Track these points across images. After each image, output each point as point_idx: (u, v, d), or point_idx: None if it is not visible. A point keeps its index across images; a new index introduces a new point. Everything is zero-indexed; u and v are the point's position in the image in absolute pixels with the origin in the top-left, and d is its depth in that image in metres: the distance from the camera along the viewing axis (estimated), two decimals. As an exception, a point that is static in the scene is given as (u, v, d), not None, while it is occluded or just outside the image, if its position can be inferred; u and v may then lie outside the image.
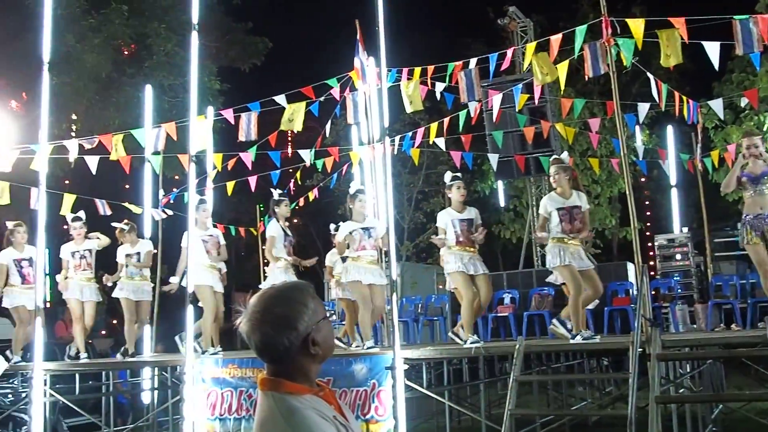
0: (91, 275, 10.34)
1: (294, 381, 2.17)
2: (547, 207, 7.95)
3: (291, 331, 2.14)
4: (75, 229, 10.33)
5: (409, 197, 22.65)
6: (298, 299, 2.20)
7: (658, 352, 6.51)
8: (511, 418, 6.77)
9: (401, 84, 9.65)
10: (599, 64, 7.92)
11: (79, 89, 16.15)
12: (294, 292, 2.23)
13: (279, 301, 2.19)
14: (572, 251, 7.77)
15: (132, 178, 14.28)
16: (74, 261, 10.28)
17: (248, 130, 9.81)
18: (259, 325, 2.15)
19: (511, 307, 12.48)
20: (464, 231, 8.39)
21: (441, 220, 8.57)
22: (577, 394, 12.90)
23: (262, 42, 20.86)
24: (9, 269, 10.03)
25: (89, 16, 16.77)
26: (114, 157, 10.55)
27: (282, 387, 2.16)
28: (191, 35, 8.98)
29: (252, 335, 2.17)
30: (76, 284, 10.25)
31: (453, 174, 8.76)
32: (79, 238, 10.34)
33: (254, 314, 2.17)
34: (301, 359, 2.18)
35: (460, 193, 8.58)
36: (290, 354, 2.16)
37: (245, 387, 8.26)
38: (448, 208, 8.66)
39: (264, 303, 2.19)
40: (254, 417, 6.72)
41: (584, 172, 19.84)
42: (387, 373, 7.44)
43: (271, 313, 2.16)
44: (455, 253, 8.38)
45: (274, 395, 2.16)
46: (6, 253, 10.11)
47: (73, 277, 10.26)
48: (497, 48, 10.77)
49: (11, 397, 11.24)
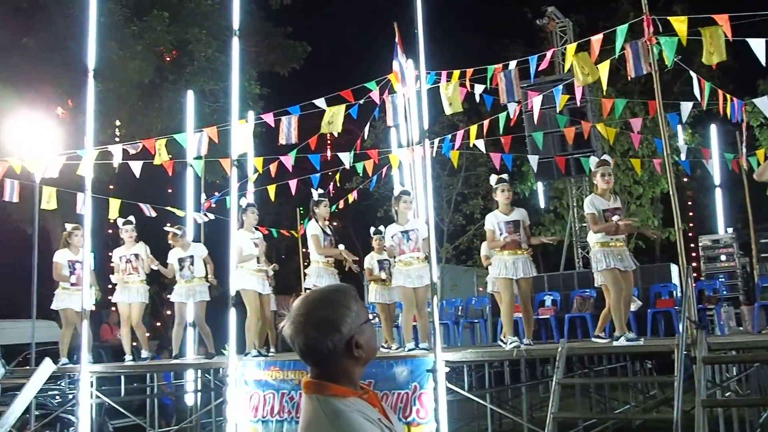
0: (138, 278, 10.47)
1: (338, 384, 2.18)
2: (596, 205, 7.91)
3: (334, 333, 2.15)
4: (126, 232, 10.49)
5: (448, 199, 22.62)
6: (341, 302, 2.21)
7: (704, 355, 6.42)
8: (554, 421, 6.73)
9: (440, 86, 9.65)
10: (641, 64, 7.83)
11: (122, 95, 16.40)
12: (337, 294, 2.24)
13: (323, 304, 2.20)
14: (617, 253, 7.74)
15: (175, 182, 14.48)
16: (122, 265, 10.47)
17: (288, 133, 9.88)
18: (303, 327, 2.16)
19: (552, 309, 12.39)
20: (511, 233, 8.40)
21: (489, 222, 8.61)
22: (620, 398, 12.76)
23: (301, 46, 20.97)
24: (62, 269, 10.23)
25: (131, 24, 17.02)
26: (158, 162, 10.70)
27: (326, 390, 2.17)
28: (232, 40, 9.09)
29: (296, 338, 2.18)
30: (122, 287, 10.42)
31: (498, 176, 8.77)
32: (129, 242, 10.49)
33: (298, 317, 2.18)
34: (345, 362, 2.19)
35: (505, 195, 8.58)
36: (334, 357, 2.17)
37: (287, 389, 8.31)
38: (495, 211, 8.68)
39: (308, 306, 2.20)
40: (296, 419, 6.75)
41: (625, 172, 19.64)
42: (428, 375, 7.44)
43: (314, 315, 2.17)
44: (500, 257, 8.43)
45: (318, 398, 2.17)
46: (62, 254, 10.32)
47: (121, 281, 10.43)
48: (536, 49, 10.74)
49: (59, 399, 11.43)
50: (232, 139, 9.09)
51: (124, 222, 10.59)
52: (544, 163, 14.50)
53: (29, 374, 9.11)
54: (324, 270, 9.14)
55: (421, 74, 8.18)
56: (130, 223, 10.56)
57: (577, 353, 8.88)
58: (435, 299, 7.71)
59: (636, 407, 12.15)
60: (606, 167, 8.06)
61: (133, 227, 10.53)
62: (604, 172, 7.99)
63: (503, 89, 8.99)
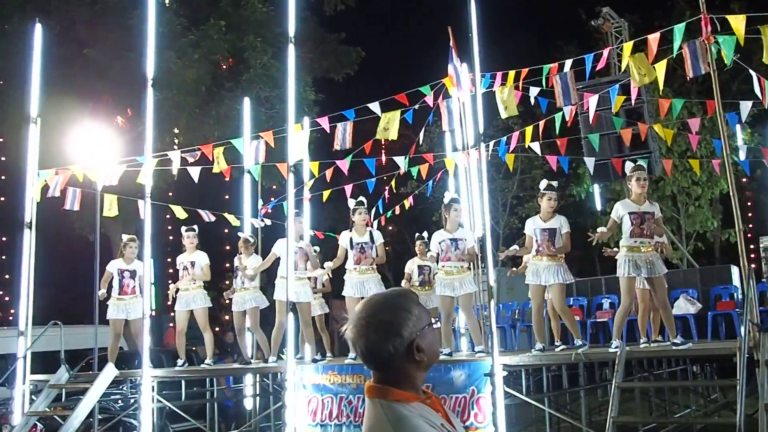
0: (197, 284, 10.58)
1: (401, 388, 2.18)
2: (619, 211, 8.01)
3: (396, 337, 2.16)
4: (188, 239, 10.62)
5: (503, 202, 22.50)
6: (402, 306, 2.21)
7: (767, 358, 6.30)
8: (614, 425, 6.66)
9: (495, 89, 9.61)
10: (699, 64, 7.71)
11: (180, 104, 16.68)
12: (399, 298, 2.24)
13: (384, 308, 2.21)
14: (644, 259, 7.68)
15: (232, 188, 14.66)
16: (180, 272, 10.63)
17: (343, 138, 9.93)
18: (365, 331, 2.18)
19: (610, 312, 12.23)
20: (545, 240, 8.50)
21: (527, 228, 8.76)
22: (680, 401, 12.53)
23: (356, 51, 21.07)
24: (112, 279, 10.45)
25: (189, 33, 17.31)
26: (217, 170, 10.83)
27: (389, 394, 2.18)
28: (287, 47, 9.19)
29: (357, 341, 2.19)
30: (182, 294, 10.55)
31: (548, 182, 8.74)
32: (190, 249, 10.63)
33: (360, 320, 2.19)
34: (407, 366, 2.19)
35: (549, 204, 8.65)
36: (395, 360, 2.17)
37: (345, 393, 8.36)
38: (534, 217, 8.79)
39: (369, 309, 2.21)
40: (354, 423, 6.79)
41: (683, 173, 19.29)
42: (486, 379, 7.41)
43: (376, 319, 2.18)
44: (533, 263, 8.59)
45: (381, 403, 2.17)
46: (114, 263, 10.54)
47: (181, 288, 10.55)
48: (590, 50, 10.57)
49: (121, 403, 11.67)
50: (288, 145, 9.18)
51: (187, 229, 10.73)
52: (600, 165, 14.30)
53: (92, 379, 9.32)
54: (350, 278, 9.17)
55: (476, 77, 8.16)
56: (192, 230, 10.69)
57: (636, 357, 8.76)
58: (492, 303, 7.70)
59: (697, 411, 11.93)
60: (642, 172, 8.10)
61: (195, 234, 10.66)
62: (640, 176, 8.02)
63: (559, 92, 8.93)
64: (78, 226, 18.34)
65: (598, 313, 12.31)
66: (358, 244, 9.23)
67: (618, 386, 6.89)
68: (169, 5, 16.62)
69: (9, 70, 16.38)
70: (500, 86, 9.66)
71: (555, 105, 9.66)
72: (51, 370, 10.04)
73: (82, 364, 10.71)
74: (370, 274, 9.18)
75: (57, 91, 14.90)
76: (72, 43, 16.78)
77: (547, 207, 8.60)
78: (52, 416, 9.56)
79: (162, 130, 15.68)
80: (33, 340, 9.69)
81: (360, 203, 9.46)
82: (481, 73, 8.46)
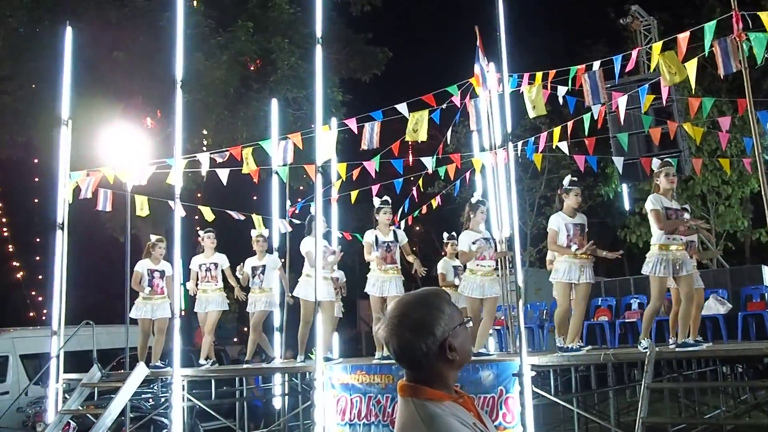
0: (216, 286, 10.69)
1: (433, 387, 2.20)
2: (656, 204, 7.77)
3: (428, 336, 2.17)
4: (208, 239, 10.72)
5: (531, 202, 22.40)
6: (434, 304, 2.23)
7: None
8: (644, 426, 6.63)
9: (524, 89, 9.58)
10: (731, 62, 7.64)
11: (208, 105, 16.81)
12: (431, 297, 2.26)
13: (416, 307, 2.22)
14: (675, 258, 7.59)
15: (260, 190, 14.74)
16: (201, 273, 10.70)
17: (371, 139, 9.95)
18: (398, 330, 2.19)
19: (639, 312, 12.14)
20: (576, 235, 8.36)
21: (555, 223, 8.47)
22: (709, 402, 12.41)
23: (383, 52, 21.07)
24: (141, 279, 10.57)
25: (217, 35, 17.44)
26: (246, 171, 10.91)
27: (422, 393, 2.19)
28: (315, 48, 9.23)
29: (390, 340, 2.21)
30: (200, 296, 10.67)
31: (572, 179, 8.67)
32: (209, 250, 10.72)
33: (392, 320, 2.21)
34: (439, 365, 2.20)
35: (577, 200, 8.56)
36: (428, 360, 2.19)
37: (373, 393, 8.38)
38: (560, 212, 8.57)
39: (402, 308, 2.23)
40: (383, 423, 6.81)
41: (713, 172, 19.10)
42: (514, 379, 7.40)
43: (408, 318, 2.20)
44: (567, 260, 8.33)
45: (414, 401, 2.19)
46: (143, 263, 10.66)
47: (201, 289, 10.67)
48: (619, 49, 10.55)
49: (152, 402, 11.79)
50: (316, 146, 9.22)
51: (206, 230, 10.83)
52: (629, 164, 14.21)
53: (124, 378, 9.43)
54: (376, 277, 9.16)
55: (504, 77, 8.14)
56: (211, 231, 10.80)
57: (666, 357, 8.70)
58: (520, 303, 7.68)
59: (727, 412, 11.81)
60: (671, 167, 8.01)
61: (214, 236, 10.77)
62: (669, 172, 7.91)
63: (588, 91, 8.89)
64: (109, 227, 18.55)
65: (627, 314, 12.23)
66: (384, 243, 9.23)
67: (647, 387, 6.85)
68: (197, 7, 16.76)
69: (40, 73, 16.60)
70: (528, 85, 9.63)
71: (583, 105, 9.61)
72: (83, 369, 10.18)
73: (114, 363, 10.84)
74: (393, 274, 9.16)
75: (87, 93, 15.08)
76: (102, 45, 16.95)
77: (574, 203, 8.49)
78: (85, 414, 9.68)
79: (191, 132, 15.81)
80: (66, 340, 9.84)
81: (385, 202, 9.44)
82: (508, 73, 8.44)
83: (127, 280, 10.64)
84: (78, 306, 12.23)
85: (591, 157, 11.55)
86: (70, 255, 10.13)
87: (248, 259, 10.81)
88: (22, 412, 12.23)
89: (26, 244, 24.23)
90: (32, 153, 19.79)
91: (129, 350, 10.60)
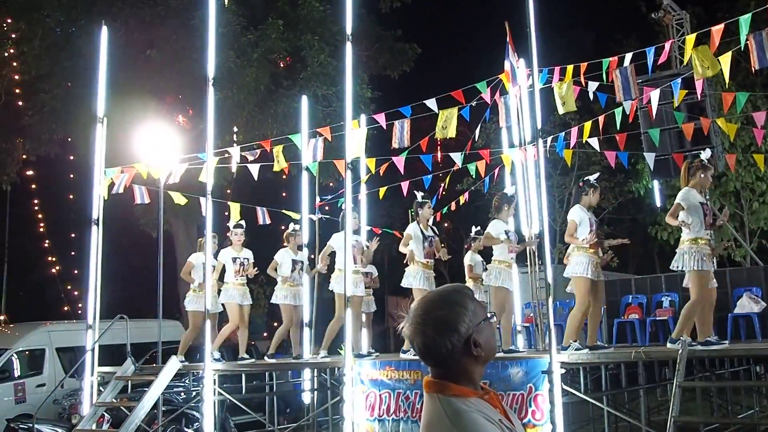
0: (240, 281, 10.78)
1: (459, 384, 2.20)
2: (690, 199, 7.61)
3: (453, 333, 2.18)
4: (236, 235, 10.78)
5: (560, 199, 22.27)
6: (458, 301, 2.23)
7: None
8: (675, 425, 6.59)
9: (554, 85, 9.54)
10: (766, 55, 7.56)
11: (239, 102, 16.93)
12: (454, 294, 2.27)
13: (440, 304, 2.23)
14: (705, 253, 7.51)
15: (289, 186, 14.81)
16: (234, 266, 10.74)
17: (401, 136, 9.98)
18: (422, 328, 2.20)
19: (671, 310, 12.05)
20: (594, 231, 8.28)
21: (576, 215, 8.34)
22: (743, 402, 12.27)
23: (412, 48, 21.04)
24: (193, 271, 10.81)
25: (248, 33, 17.55)
26: (277, 169, 10.99)
27: (448, 389, 2.20)
28: (345, 46, 9.27)
29: (415, 338, 2.22)
30: (237, 289, 10.72)
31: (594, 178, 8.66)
32: (237, 245, 10.79)
33: (416, 318, 2.22)
34: (465, 361, 2.21)
35: (597, 199, 8.61)
36: (453, 356, 2.19)
37: (402, 389, 8.42)
38: (581, 205, 8.45)
39: (425, 306, 2.24)
40: (412, 419, 6.84)
41: (747, 168, 18.85)
42: (544, 377, 7.40)
43: (432, 315, 2.21)
44: (587, 256, 8.21)
45: (440, 398, 2.20)
46: (196, 256, 10.90)
47: (234, 282, 10.72)
48: (650, 43, 10.39)
49: (183, 395, 11.93)
50: (346, 142, 9.27)
51: (236, 225, 10.90)
52: (660, 160, 14.08)
53: (157, 372, 9.57)
54: (422, 271, 9.22)
55: (534, 72, 8.11)
56: (241, 227, 10.86)
57: (698, 356, 8.62)
58: (549, 300, 7.67)
59: (761, 413, 11.67)
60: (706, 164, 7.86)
61: (243, 231, 10.86)
62: (709, 166, 7.77)
63: (619, 86, 8.83)
64: (141, 223, 18.77)
65: (658, 311, 12.13)
66: (428, 238, 9.28)
67: (679, 385, 6.81)
68: (228, 6, 16.88)
69: (76, 72, 16.85)
70: (558, 81, 9.59)
71: (613, 100, 9.55)
72: (117, 362, 10.35)
73: (147, 357, 10.98)
74: (432, 270, 9.25)
75: (121, 91, 15.25)
76: (135, 44, 17.16)
77: (595, 201, 8.50)
78: (119, 407, 9.83)
79: (222, 129, 15.94)
80: (101, 334, 9.99)
81: (426, 197, 9.54)
82: (538, 69, 8.41)
83: (160, 275, 10.73)
84: (112, 300, 12.38)
85: (622, 153, 11.47)
86: (105, 250, 10.27)
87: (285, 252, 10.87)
88: (58, 404, 12.42)
89: (62, 239, 24.55)
90: (68, 150, 20.07)
91: (162, 344, 10.72)
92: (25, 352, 13.84)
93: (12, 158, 19.06)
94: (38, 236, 24.79)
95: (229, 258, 10.77)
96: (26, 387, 13.42)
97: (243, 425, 11.99)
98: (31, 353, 13.93)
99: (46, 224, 24.80)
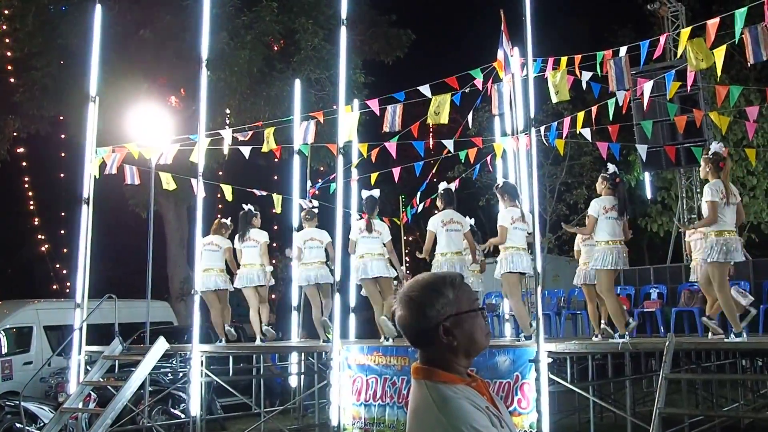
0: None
1: (446, 370, 2.21)
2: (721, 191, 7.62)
3: (420, 316, 2.21)
4: (257, 218, 10.64)
5: (551, 188, 22.26)
6: (434, 286, 2.24)
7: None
8: (660, 417, 6.62)
9: (548, 74, 9.53)
10: (761, 50, 7.56)
11: (232, 84, 16.83)
12: (434, 279, 2.28)
13: (417, 287, 2.26)
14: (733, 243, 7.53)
15: (281, 170, 14.77)
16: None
17: (393, 121, 9.95)
18: (398, 305, 2.26)
19: (658, 302, 12.11)
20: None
21: (594, 209, 8.39)
22: (727, 395, 12.36)
23: (406, 34, 20.95)
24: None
25: (242, 14, 17.45)
26: (266, 149, 10.95)
27: (435, 376, 2.21)
28: (339, 30, 9.24)
29: (396, 316, 2.28)
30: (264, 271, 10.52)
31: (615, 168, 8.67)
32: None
33: (399, 296, 2.27)
34: (441, 348, 2.22)
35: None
36: (427, 340, 2.22)
37: (389, 374, 8.44)
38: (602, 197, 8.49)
39: (407, 287, 2.28)
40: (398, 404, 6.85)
41: (738, 162, 18.91)
42: (530, 365, 7.42)
43: (406, 296, 2.25)
44: (608, 246, 8.22)
45: (427, 384, 2.21)
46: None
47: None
48: (645, 35, 10.41)
49: (170, 376, 11.95)
50: (339, 126, 9.25)
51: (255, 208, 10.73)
52: (652, 152, 14.14)
53: (144, 352, 9.57)
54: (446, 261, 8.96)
55: (528, 61, 8.11)
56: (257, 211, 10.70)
57: (685, 348, 8.67)
58: (538, 289, 7.69)
59: (746, 406, 11.75)
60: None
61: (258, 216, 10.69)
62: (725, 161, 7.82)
63: (613, 77, 8.83)
64: (132, 204, 18.71)
65: (646, 303, 12.18)
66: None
67: (665, 377, 6.84)
68: (223, -14, 16.75)
69: (69, 50, 16.71)
70: (552, 71, 9.58)
71: (607, 91, 9.55)
72: (105, 341, 10.34)
73: (134, 337, 10.99)
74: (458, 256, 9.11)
75: (114, 70, 15.17)
76: (129, 23, 17.03)
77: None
78: (106, 386, 9.83)
79: (214, 111, 15.84)
80: (89, 313, 9.98)
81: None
82: (533, 58, 8.40)
83: (150, 256, 10.71)
84: (100, 280, 12.37)
85: (614, 144, 11.48)
86: (94, 230, 10.24)
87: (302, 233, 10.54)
88: (44, 382, 12.43)
89: (51, 217, 24.46)
90: (59, 128, 19.94)
91: (150, 325, 10.71)
92: (12, 330, 13.84)
93: (3, 135, 18.91)
94: (28, 214, 24.71)
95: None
96: (13, 364, 13.43)
97: (230, 407, 12.01)
98: (19, 331, 13.93)
99: (36, 202, 24.72)
